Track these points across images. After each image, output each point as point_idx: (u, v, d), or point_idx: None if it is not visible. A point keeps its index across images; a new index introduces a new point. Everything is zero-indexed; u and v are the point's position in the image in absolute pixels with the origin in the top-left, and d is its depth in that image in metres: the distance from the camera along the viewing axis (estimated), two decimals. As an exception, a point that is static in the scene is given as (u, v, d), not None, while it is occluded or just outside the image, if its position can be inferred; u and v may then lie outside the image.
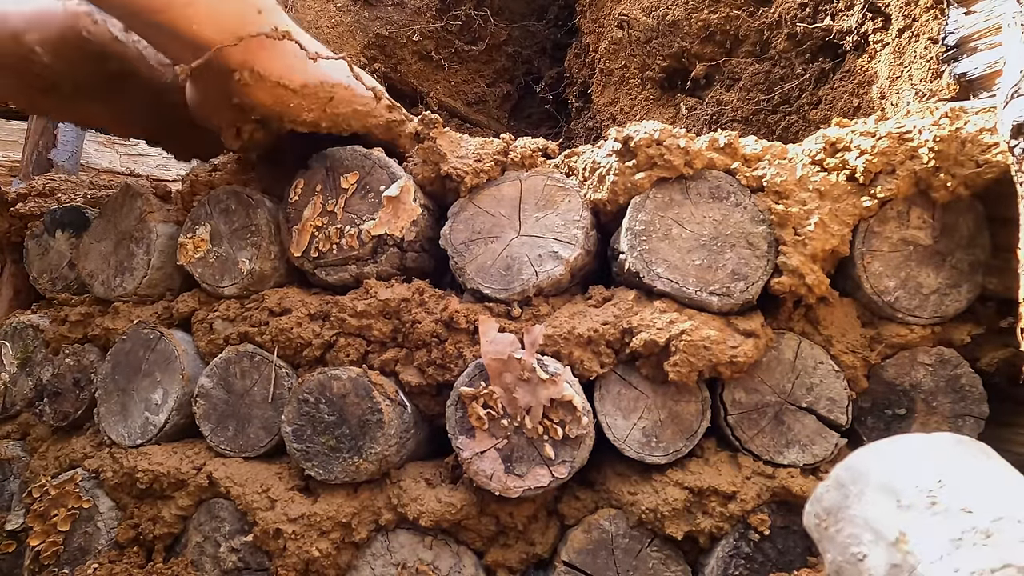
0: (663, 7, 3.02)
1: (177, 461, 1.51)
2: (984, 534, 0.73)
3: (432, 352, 1.44)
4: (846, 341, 1.38)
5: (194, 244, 1.58)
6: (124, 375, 1.58)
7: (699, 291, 1.34)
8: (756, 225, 1.36)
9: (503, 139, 1.56)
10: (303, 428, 1.42)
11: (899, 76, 2.08)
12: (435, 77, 3.98)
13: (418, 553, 1.42)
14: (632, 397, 1.38)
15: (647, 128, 1.38)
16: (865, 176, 1.33)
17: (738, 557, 1.33)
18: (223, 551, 1.46)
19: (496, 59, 4.10)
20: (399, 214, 1.48)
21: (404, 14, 3.88)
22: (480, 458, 1.34)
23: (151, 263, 1.63)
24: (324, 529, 1.41)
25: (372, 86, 1.46)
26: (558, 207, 1.46)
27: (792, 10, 2.69)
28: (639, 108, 3.14)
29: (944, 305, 1.35)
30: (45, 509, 1.54)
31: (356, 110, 1.44)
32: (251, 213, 1.55)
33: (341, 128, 1.46)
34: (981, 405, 1.35)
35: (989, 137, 1.26)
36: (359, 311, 1.46)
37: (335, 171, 1.51)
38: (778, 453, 1.36)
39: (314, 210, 1.51)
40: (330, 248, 1.50)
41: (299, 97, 1.31)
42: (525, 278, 1.43)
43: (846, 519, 0.84)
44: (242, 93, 1.27)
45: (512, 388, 1.33)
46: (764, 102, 2.74)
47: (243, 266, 1.54)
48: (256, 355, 1.51)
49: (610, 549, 1.38)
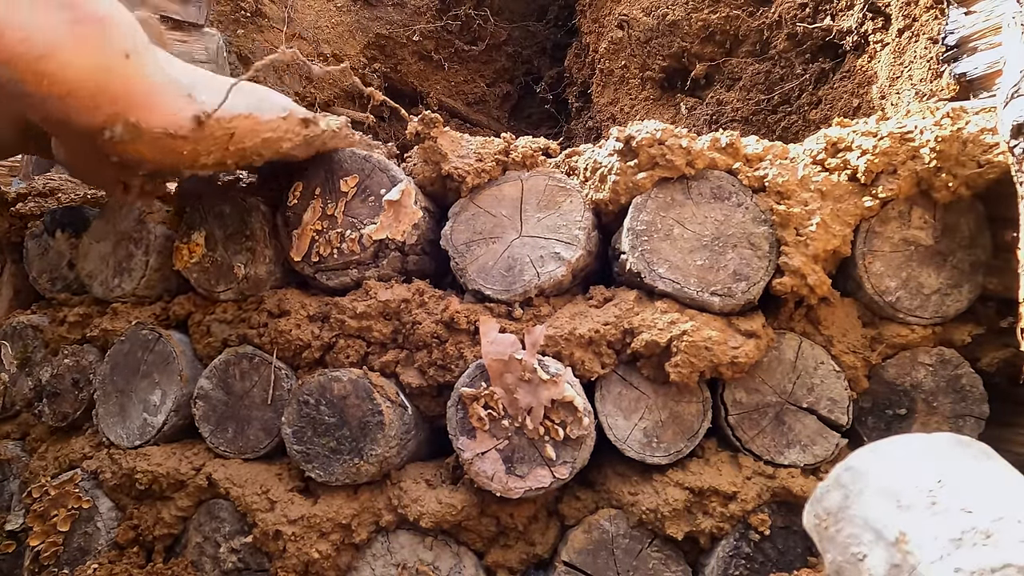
0: (663, 7, 3.02)
1: (176, 462, 1.51)
2: (984, 534, 0.73)
3: (433, 353, 1.43)
4: (847, 341, 1.38)
5: (189, 249, 1.57)
6: (123, 376, 1.58)
7: (701, 291, 1.34)
8: (758, 225, 1.36)
9: (504, 139, 1.56)
10: (303, 430, 1.42)
11: (899, 76, 2.08)
12: (435, 77, 3.98)
13: (418, 554, 1.42)
14: (633, 398, 1.38)
15: (649, 128, 1.38)
16: (867, 176, 1.33)
17: (738, 557, 1.33)
18: (223, 551, 1.46)
19: (496, 59, 4.10)
20: (400, 218, 1.47)
21: (404, 14, 3.88)
22: (481, 459, 1.34)
23: (149, 264, 1.63)
24: (324, 530, 1.41)
25: (281, 105, 1.30)
26: (559, 207, 1.46)
27: (792, 10, 2.69)
28: (639, 108, 3.14)
29: (945, 305, 1.35)
30: (45, 509, 1.54)
31: (265, 139, 1.26)
32: (245, 217, 1.54)
33: (251, 161, 1.30)
34: (981, 405, 1.35)
35: (990, 137, 1.26)
36: (359, 312, 1.45)
37: (334, 174, 1.51)
38: (779, 453, 1.36)
39: (314, 214, 1.51)
40: (331, 252, 1.49)
41: (192, 143, 1.12)
42: (527, 279, 1.43)
43: (846, 519, 0.84)
44: (119, 151, 1.08)
45: (513, 389, 1.33)
46: (764, 102, 2.74)
47: (239, 271, 1.54)
48: (255, 356, 1.51)
49: (610, 549, 1.38)
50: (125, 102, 1.02)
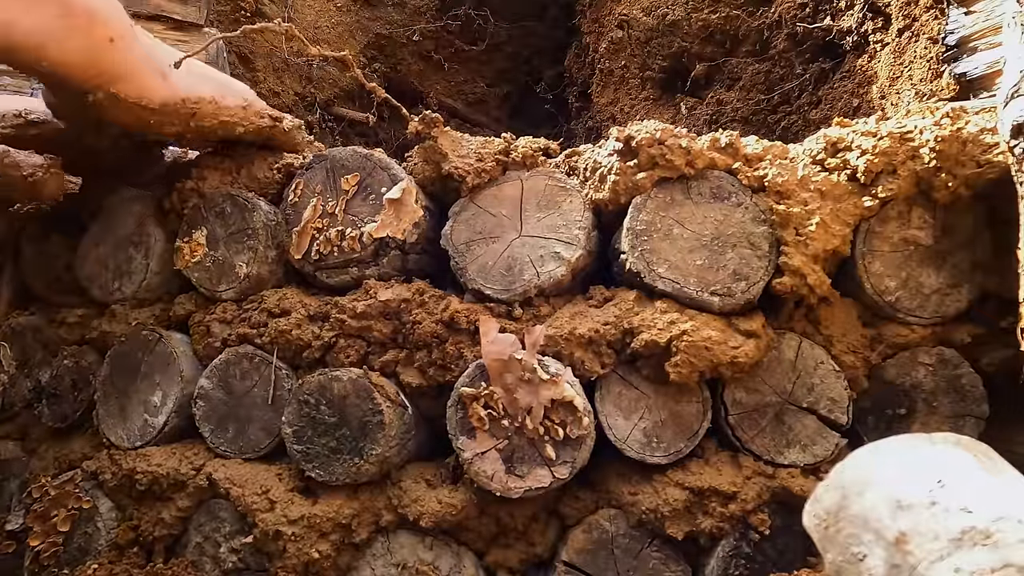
0: (663, 7, 3.02)
1: (176, 462, 1.51)
2: (984, 534, 0.72)
3: (433, 353, 1.43)
4: (847, 341, 1.38)
5: (190, 248, 1.57)
6: (123, 377, 1.58)
7: (700, 291, 1.34)
8: (757, 225, 1.36)
9: (504, 139, 1.56)
10: (304, 429, 1.42)
11: (899, 76, 2.08)
12: (435, 77, 3.98)
13: (418, 553, 1.42)
14: (633, 397, 1.38)
15: (649, 128, 1.38)
16: (866, 176, 1.33)
17: (738, 557, 1.33)
18: (223, 551, 1.46)
19: (496, 59, 4.10)
20: (401, 216, 1.47)
21: (404, 14, 3.88)
22: (481, 459, 1.34)
23: (150, 267, 1.63)
24: (324, 531, 1.40)
25: (243, 98, 1.55)
26: (560, 207, 1.46)
27: (792, 10, 2.69)
28: (639, 108, 3.14)
29: (945, 305, 1.35)
30: (45, 509, 1.54)
31: (223, 121, 1.51)
32: (247, 216, 1.54)
33: (207, 137, 1.57)
34: (981, 405, 1.35)
35: (990, 137, 1.26)
36: (359, 312, 1.45)
37: (335, 172, 1.51)
38: (779, 453, 1.36)
39: (314, 212, 1.51)
40: (331, 251, 1.49)
41: (159, 115, 1.38)
42: (527, 279, 1.43)
43: (846, 519, 0.84)
44: (100, 112, 1.35)
45: (513, 388, 1.33)
46: (764, 102, 2.74)
47: (240, 270, 1.53)
48: (256, 356, 1.51)
49: (610, 549, 1.38)
50: (108, 76, 1.28)
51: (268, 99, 3.30)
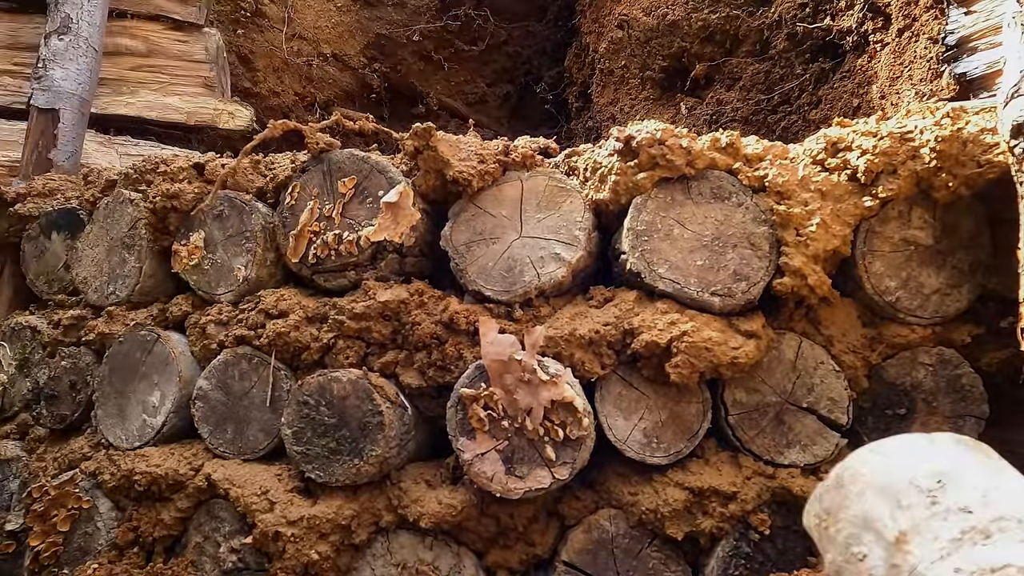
0: (663, 7, 3.02)
1: (175, 463, 1.50)
2: (984, 534, 0.72)
3: (432, 354, 1.43)
4: (847, 341, 1.38)
5: (188, 251, 1.56)
6: (121, 378, 1.58)
7: (701, 292, 1.34)
8: (758, 225, 1.36)
9: (502, 141, 1.55)
10: (303, 430, 1.42)
11: (899, 76, 2.08)
12: (435, 77, 3.98)
13: (418, 554, 1.42)
14: (633, 398, 1.38)
15: (649, 128, 1.38)
16: (867, 176, 1.32)
17: (738, 557, 1.33)
18: (223, 551, 1.46)
19: (496, 59, 4.10)
20: (399, 219, 1.47)
21: (404, 14, 3.88)
22: (481, 459, 1.34)
23: (143, 271, 1.62)
24: (323, 531, 1.40)
25: None
26: (560, 208, 1.46)
27: (792, 10, 2.69)
28: (639, 108, 3.14)
29: (945, 305, 1.35)
30: (45, 509, 1.54)
31: None
32: (245, 218, 1.54)
33: None
34: (981, 405, 1.35)
35: (990, 137, 1.26)
36: (358, 313, 1.45)
37: (332, 175, 1.51)
38: (779, 453, 1.36)
39: (311, 215, 1.50)
40: (328, 254, 1.49)
41: None
42: (527, 280, 1.43)
43: (846, 519, 0.84)
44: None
45: (513, 389, 1.33)
46: (764, 102, 2.74)
47: (239, 273, 1.53)
48: (254, 357, 1.51)
49: (610, 549, 1.38)
50: None
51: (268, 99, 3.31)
